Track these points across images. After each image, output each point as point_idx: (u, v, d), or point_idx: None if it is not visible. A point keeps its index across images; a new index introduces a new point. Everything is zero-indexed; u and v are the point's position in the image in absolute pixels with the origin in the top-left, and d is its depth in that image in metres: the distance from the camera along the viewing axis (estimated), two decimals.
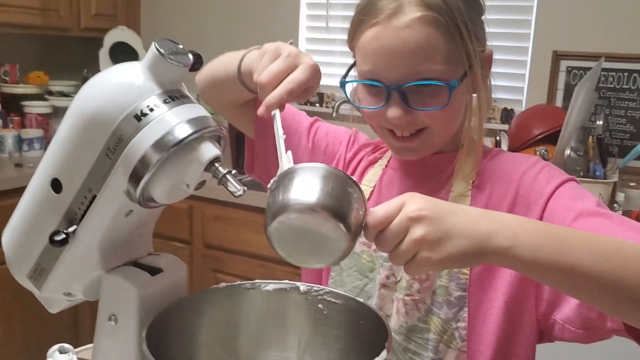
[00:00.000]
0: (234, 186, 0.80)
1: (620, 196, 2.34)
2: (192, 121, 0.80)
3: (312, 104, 3.27)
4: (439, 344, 0.99)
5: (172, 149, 0.78)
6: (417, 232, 0.71)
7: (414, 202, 0.73)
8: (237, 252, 2.84)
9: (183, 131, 0.79)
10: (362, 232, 0.75)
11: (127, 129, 0.78)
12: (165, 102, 0.80)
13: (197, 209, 2.91)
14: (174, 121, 0.79)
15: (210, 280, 2.92)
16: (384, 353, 0.78)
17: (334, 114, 2.80)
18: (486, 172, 1.03)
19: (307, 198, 0.72)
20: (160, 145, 0.78)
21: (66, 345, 1.18)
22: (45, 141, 3.19)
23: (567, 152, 2.33)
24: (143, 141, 0.78)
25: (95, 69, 3.02)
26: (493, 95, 1.05)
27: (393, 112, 0.96)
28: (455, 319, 0.98)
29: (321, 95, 3.26)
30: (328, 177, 0.74)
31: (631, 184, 2.38)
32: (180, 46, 0.83)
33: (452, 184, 1.03)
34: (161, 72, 0.81)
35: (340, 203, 0.72)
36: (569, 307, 0.91)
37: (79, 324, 3.02)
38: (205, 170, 0.81)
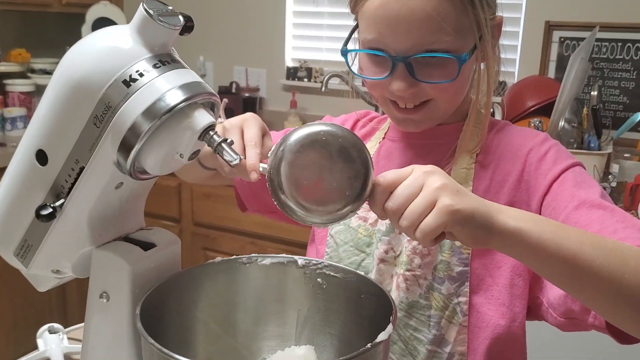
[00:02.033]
0: (230, 155, 0.77)
1: (614, 167, 2.32)
2: (184, 87, 0.76)
3: (300, 78, 3.22)
4: (441, 320, 0.97)
5: (163, 117, 0.74)
6: (436, 181, 0.70)
7: (425, 165, 0.73)
8: (227, 229, 2.82)
9: (175, 97, 0.74)
10: (371, 194, 0.74)
11: (116, 95, 0.74)
12: (155, 66, 0.75)
13: (186, 186, 2.88)
14: (165, 87, 0.75)
15: (201, 258, 2.91)
16: (389, 327, 0.75)
17: (323, 88, 2.76)
18: (492, 146, 1.01)
19: (315, 135, 0.74)
20: (151, 112, 0.73)
21: (56, 325, 1.16)
22: (28, 120, 3.14)
23: (561, 123, 2.31)
24: (133, 108, 0.74)
25: None
26: (502, 69, 1.01)
27: (397, 84, 0.92)
28: (457, 293, 0.96)
29: (309, 70, 3.21)
30: (338, 126, 0.76)
31: (625, 155, 2.36)
32: (170, 7, 0.78)
33: (456, 157, 1.00)
34: (150, 35, 0.76)
35: (351, 141, 0.74)
36: (553, 294, 0.90)
37: (67, 303, 3.01)
38: (199, 138, 0.78)
